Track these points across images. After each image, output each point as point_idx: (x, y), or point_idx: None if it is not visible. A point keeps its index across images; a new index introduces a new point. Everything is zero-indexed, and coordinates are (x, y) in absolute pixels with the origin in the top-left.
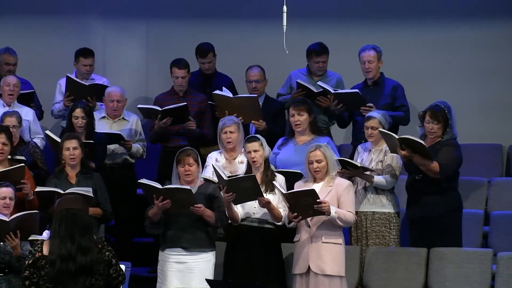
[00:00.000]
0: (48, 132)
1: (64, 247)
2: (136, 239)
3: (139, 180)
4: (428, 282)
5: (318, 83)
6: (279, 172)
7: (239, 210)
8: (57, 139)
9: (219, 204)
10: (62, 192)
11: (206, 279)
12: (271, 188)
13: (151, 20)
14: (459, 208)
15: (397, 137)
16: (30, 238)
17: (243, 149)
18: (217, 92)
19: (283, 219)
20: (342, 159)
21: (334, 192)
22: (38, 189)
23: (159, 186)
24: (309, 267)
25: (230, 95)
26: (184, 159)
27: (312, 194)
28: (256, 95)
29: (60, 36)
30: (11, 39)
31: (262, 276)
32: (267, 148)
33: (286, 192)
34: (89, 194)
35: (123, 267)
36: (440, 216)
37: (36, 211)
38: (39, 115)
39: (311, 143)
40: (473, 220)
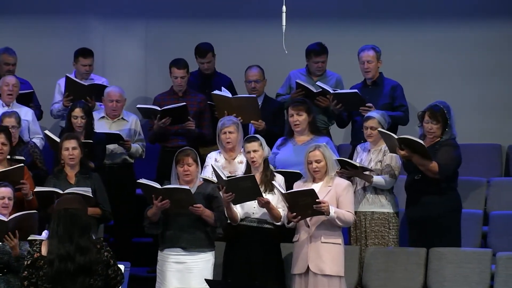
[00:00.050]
0: (47, 132)
1: (62, 247)
2: (135, 239)
3: (138, 180)
4: (427, 282)
5: (317, 83)
6: (278, 172)
7: (239, 210)
8: (56, 139)
9: (218, 204)
10: (61, 192)
11: (205, 279)
12: (271, 188)
13: (151, 20)
14: (458, 208)
15: (396, 137)
16: (29, 238)
17: (243, 149)
18: (216, 92)
19: (283, 219)
20: (341, 159)
21: (333, 192)
22: (37, 189)
23: (158, 186)
24: (308, 267)
25: (229, 95)
26: (183, 159)
27: (311, 194)
28: (255, 95)
29: (60, 36)
30: (11, 39)
31: (261, 276)
32: (267, 148)
33: (285, 192)
34: (88, 194)
35: (122, 267)
36: (439, 216)
37: (35, 211)
38: (38, 115)
39: (310, 143)
40: (472, 220)
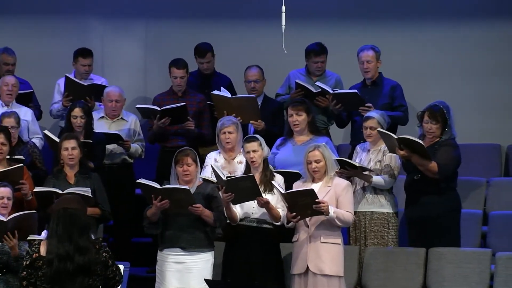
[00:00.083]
0: (47, 132)
1: (62, 246)
2: (135, 239)
3: (137, 180)
4: (426, 282)
5: (316, 83)
6: (278, 172)
7: (238, 210)
8: (55, 139)
9: (217, 204)
10: (60, 192)
11: (204, 279)
12: (270, 188)
13: (150, 20)
14: (458, 208)
15: (395, 137)
16: (28, 238)
17: (242, 149)
18: (215, 92)
19: (282, 219)
20: (340, 159)
21: (332, 192)
22: (37, 189)
23: (157, 186)
24: (307, 267)
25: (229, 95)
26: (183, 159)
27: (311, 194)
28: (254, 95)
29: (59, 36)
30: (10, 39)
31: (260, 276)
32: (266, 148)
33: (285, 192)
34: (87, 194)
35: (121, 267)
36: (439, 216)
37: (34, 211)
38: (38, 115)
39: (309, 143)
40: (471, 220)
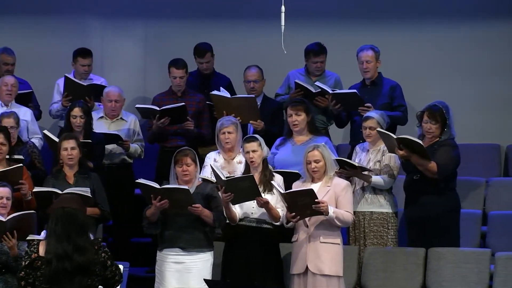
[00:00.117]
0: (46, 132)
1: (60, 246)
2: (134, 239)
3: (137, 180)
4: (426, 282)
5: (316, 83)
6: (277, 172)
7: (237, 210)
8: (55, 139)
9: (217, 204)
10: (60, 192)
11: (204, 279)
12: (269, 188)
13: (150, 20)
14: (457, 208)
15: (395, 137)
16: (27, 238)
17: (242, 149)
18: (214, 92)
19: (281, 219)
20: (340, 159)
21: (332, 192)
22: (36, 189)
23: (157, 186)
24: (307, 267)
25: (228, 95)
26: (182, 159)
27: (310, 194)
28: (254, 95)
29: (59, 36)
30: (10, 39)
31: (260, 276)
32: (266, 148)
33: (284, 192)
34: (87, 194)
35: (121, 267)
36: (438, 216)
37: (33, 211)
38: (37, 115)
39: (309, 143)
40: (471, 220)
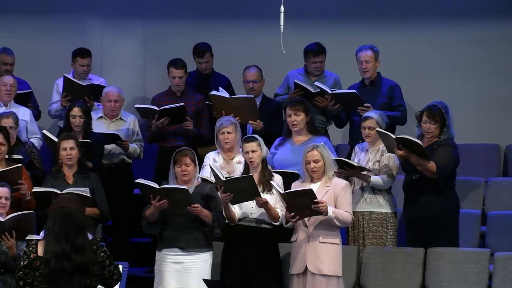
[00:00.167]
0: (45, 132)
1: (58, 245)
2: (133, 239)
3: (136, 180)
4: (425, 282)
5: (315, 83)
6: (276, 172)
7: (237, 210)
8: (54, 139)
9: (216, 204)
10: (59, 192)
11: (203, 279)
12: (269, 188)
13: (149, 20)
14: (456, 208)
15: (394, 137)
16: (26, 238)
17: (241, 149)
18: (213, 92)
19: (281, 219)
20: (339, 159)
21: (331, 192)
22: (35, 189)
23: (156, 186)
24: (306, 267)
25: (227, 95)
26: (181, 159)
27: (310, 194)
28: (253, 95)
29: (58, 36)
30: (9, 39)
31: (259, 276)
32: (265, 148)
33: (284, 192)
34: (86, 194)
35: (120, 267)
36: (437, 216)
37: (32, 211)
38: (37, 115)
39: (308, 143)
40: (470, 220)
